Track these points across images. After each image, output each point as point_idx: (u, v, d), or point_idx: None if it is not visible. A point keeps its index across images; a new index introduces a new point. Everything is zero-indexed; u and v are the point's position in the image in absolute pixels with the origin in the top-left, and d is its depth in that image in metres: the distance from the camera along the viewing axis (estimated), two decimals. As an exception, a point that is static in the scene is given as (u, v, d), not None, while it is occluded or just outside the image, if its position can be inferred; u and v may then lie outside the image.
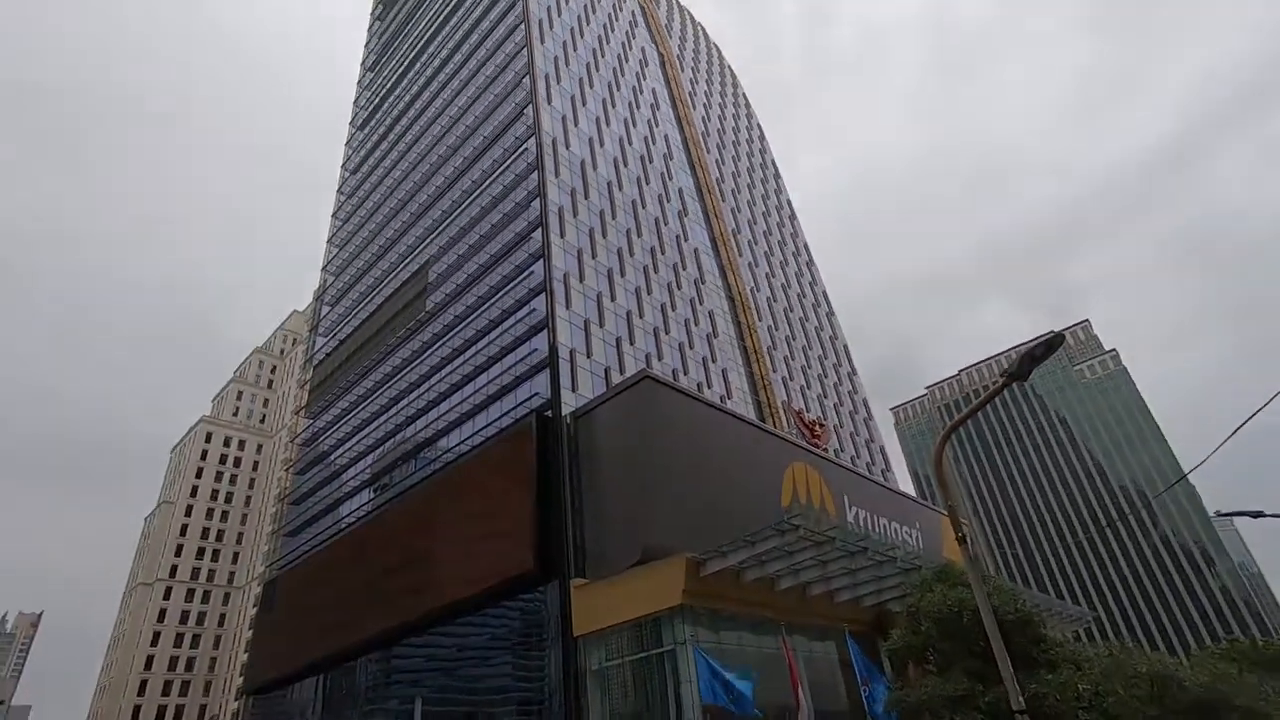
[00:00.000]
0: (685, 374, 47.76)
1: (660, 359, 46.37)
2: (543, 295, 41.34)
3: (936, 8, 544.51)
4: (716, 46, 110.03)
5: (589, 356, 40.71)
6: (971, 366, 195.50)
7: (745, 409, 50.90)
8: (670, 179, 64.45)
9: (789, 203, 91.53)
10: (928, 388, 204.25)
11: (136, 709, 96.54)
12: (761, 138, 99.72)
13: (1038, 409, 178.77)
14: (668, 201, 61.31)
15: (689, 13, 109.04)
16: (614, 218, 52.09)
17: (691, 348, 50.47)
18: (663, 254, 55.03)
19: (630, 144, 61.89)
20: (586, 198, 50.36)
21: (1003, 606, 18.47)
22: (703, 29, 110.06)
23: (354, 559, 45.00)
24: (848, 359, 76.55)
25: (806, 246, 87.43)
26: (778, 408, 53.75)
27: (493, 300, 45.68)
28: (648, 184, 60.12)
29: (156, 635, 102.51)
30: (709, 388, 48.91)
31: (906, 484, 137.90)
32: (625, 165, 58.64)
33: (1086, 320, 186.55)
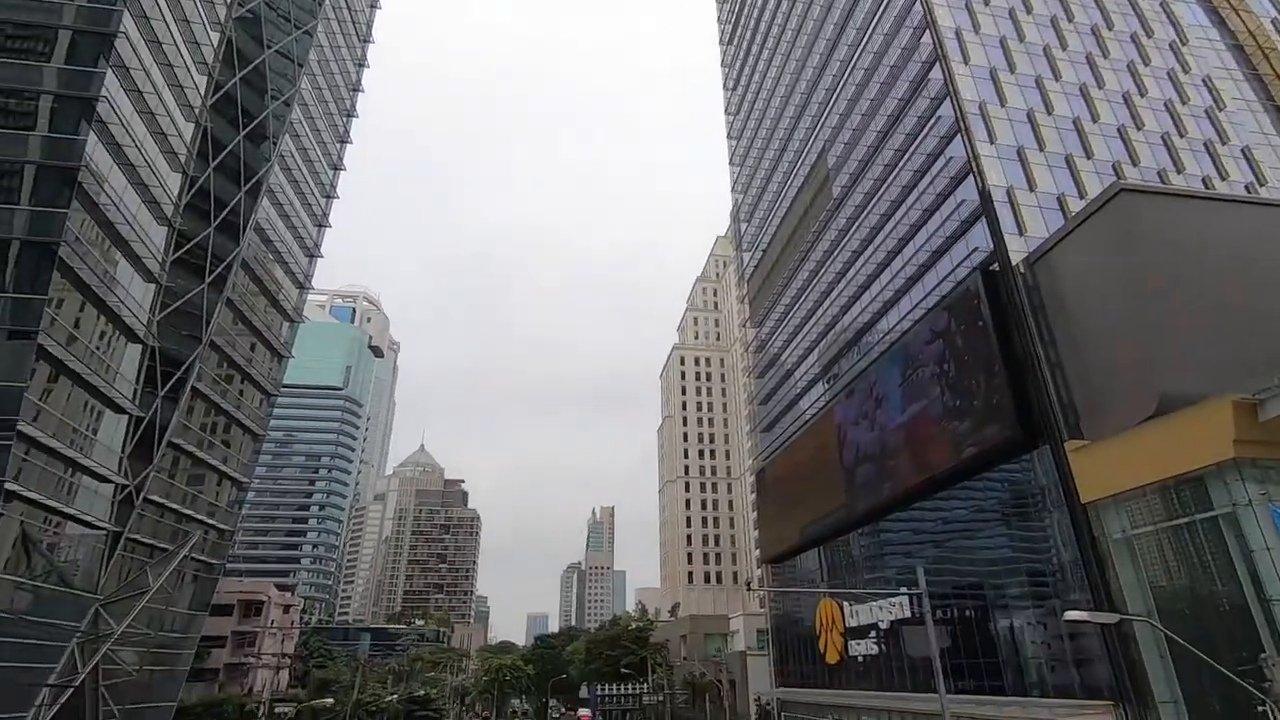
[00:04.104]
0: (1179, 173, 36.41)
1: (1135, 164, 36.24)
2: (958, 137, 36.15)
3: None
4: None
5: (1032, 190, 34.24)
6: None
7: (1295, 194, 36.46)
8: (1102, -72, 48.62)
9: None
10: None
11: (689, 574, 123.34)
12: None
13: None
14: (1105, -41, 46.56)
15: None
16: (1029, 13, 42.04)
17: (1182, 135, 38.09)
18: (1110, 29, 42.36)
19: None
20: (987, 4, 41.70)
21: None
22: None
23: (823, 446, 48.07)
24: None
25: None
26: (1358, 178, 37.00)
27: (901, 163, 42.00)
28: (1069, -51, 46.54)
29: (688, 519, 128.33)
30: (1223, 180, 36.40)
31: None
32: (1031, -60, 46.40)
33: None
